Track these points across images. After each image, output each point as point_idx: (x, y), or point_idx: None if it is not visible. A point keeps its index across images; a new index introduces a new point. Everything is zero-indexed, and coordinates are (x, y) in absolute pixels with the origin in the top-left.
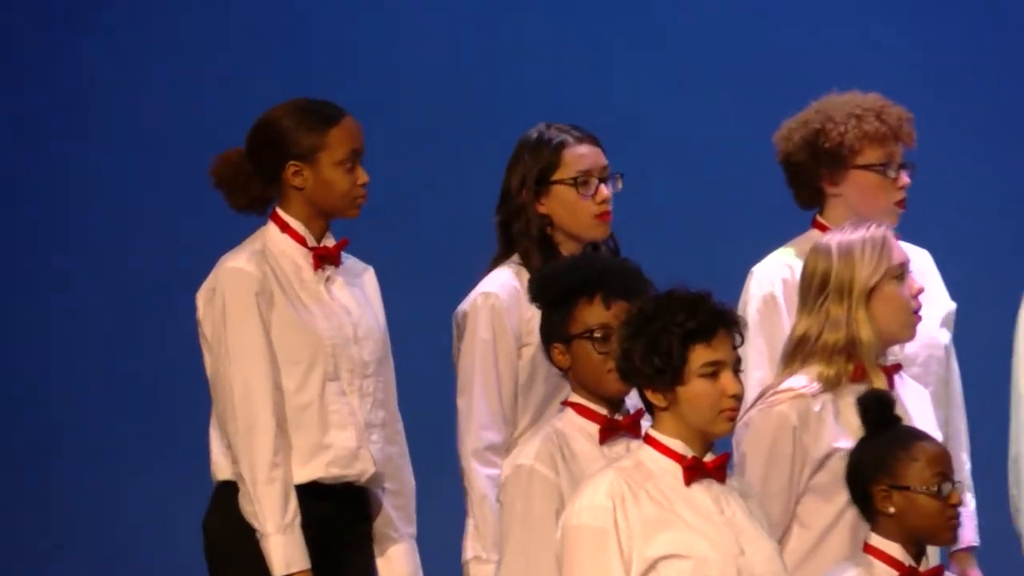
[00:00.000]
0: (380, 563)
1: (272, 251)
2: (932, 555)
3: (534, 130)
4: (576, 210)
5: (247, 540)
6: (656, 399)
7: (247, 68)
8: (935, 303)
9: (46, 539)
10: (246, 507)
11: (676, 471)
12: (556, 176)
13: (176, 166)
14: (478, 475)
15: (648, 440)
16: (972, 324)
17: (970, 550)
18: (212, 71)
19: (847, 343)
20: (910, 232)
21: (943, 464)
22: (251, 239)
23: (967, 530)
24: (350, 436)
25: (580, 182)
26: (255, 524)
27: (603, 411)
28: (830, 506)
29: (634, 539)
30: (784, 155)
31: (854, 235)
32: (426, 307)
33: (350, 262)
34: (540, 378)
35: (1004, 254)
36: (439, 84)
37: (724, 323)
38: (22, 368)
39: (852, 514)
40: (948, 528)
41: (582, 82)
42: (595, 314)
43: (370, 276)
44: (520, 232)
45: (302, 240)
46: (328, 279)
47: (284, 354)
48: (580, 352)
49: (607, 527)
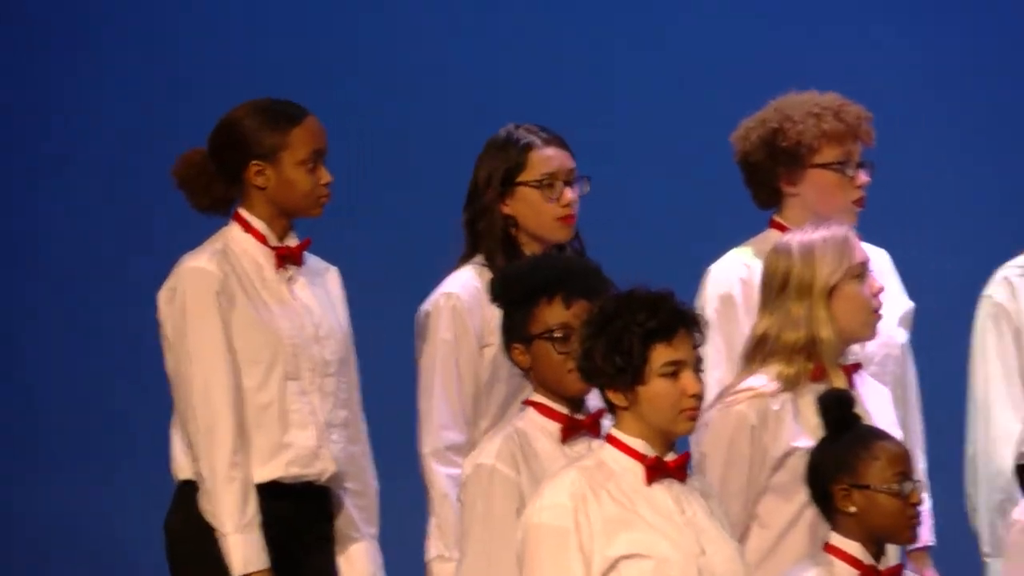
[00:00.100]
0: (341, 563)
1: (234, 250)
2: (892, 554)
3: (503, 130)
4: (540, 212)
5: (208, 540)
6: (617, 398)
7: (209, 67)
8: (892, 302)
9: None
10: (205, 506)
11: (637, 470)
12: (521, 177)
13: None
14: (438, 474)
15: (610, 439)
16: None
17: (926, 549)
18: (186, 69)
19: (807, 342)
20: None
21: (904, 463)
22: (213, 239)
23: (923, 529)
24: (310, 435)
25: (545, 184)
26: (214, 523)
27: (564, 410)
28: (789, 505)
29: (595, 538)
30: (742, 155)
31: (815, 235)
32: (390, 307)
33: (313, 262)
34: (502, 378)
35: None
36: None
37: (685, 322)
38: None
39: (811, 513)
40: (909, 527)
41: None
42: (555, 314)
43: (333, 276)
44: (484, 232)
45: (264, 240)
46: (290, 279)
47: (245, 353)
48: (540, 352)
49: (568, 526)
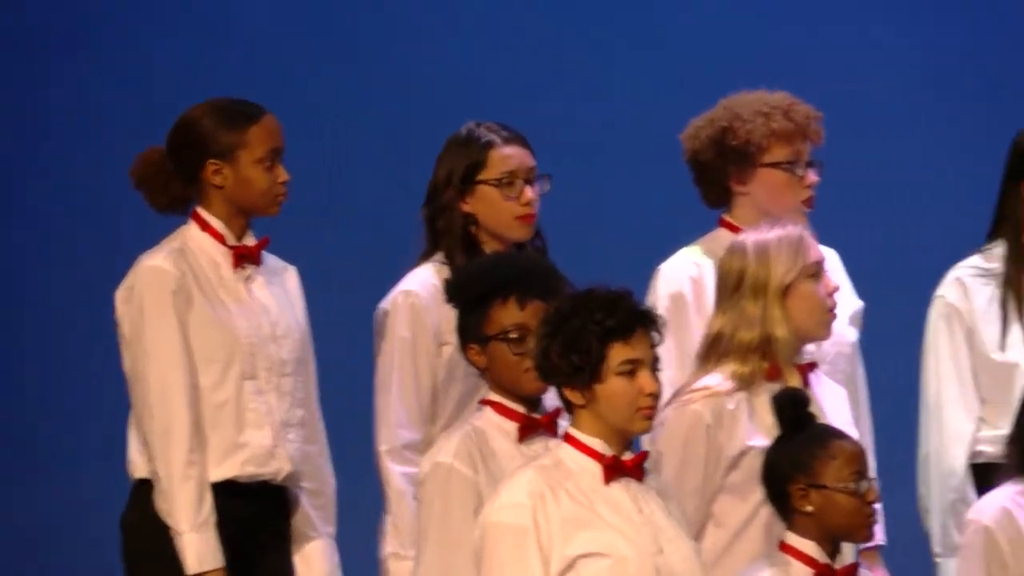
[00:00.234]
0: (298, 562)
1: (191, 249)
2: (848, 552)
3: (464, 128)
4: (499, 211)
5: (163, 539)
6: (574, 397)
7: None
8: (843, 301)
9: None
10: (161, 505)
11: (595, 470)
12: (481, 176)
13: None
14: (393, 473)
15: (567, 439)
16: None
17: (876, 549)
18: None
19: (762, 341)
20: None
21: (860, 462)
22: (170, 238)
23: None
24: (266, 435)
25: (505, 183)
26: (169, 522)
27: (521, 410)
28: (745, 505)
29: (553, 537)
30: (691, 153)
31: (770, 234)
32: (349, 306)
33: (271, 261)
34: (458, 377)
35: None
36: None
37: (642, 322)
38: None
39: (767, 512)
40: (866, 525)
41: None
42: (510, 315)
43: (292, 275)
44: (444, 230)
45: (221, 239)
46: (248, 278)
47: (201, 352)
48: (496, 353)
49: (526, 525)
